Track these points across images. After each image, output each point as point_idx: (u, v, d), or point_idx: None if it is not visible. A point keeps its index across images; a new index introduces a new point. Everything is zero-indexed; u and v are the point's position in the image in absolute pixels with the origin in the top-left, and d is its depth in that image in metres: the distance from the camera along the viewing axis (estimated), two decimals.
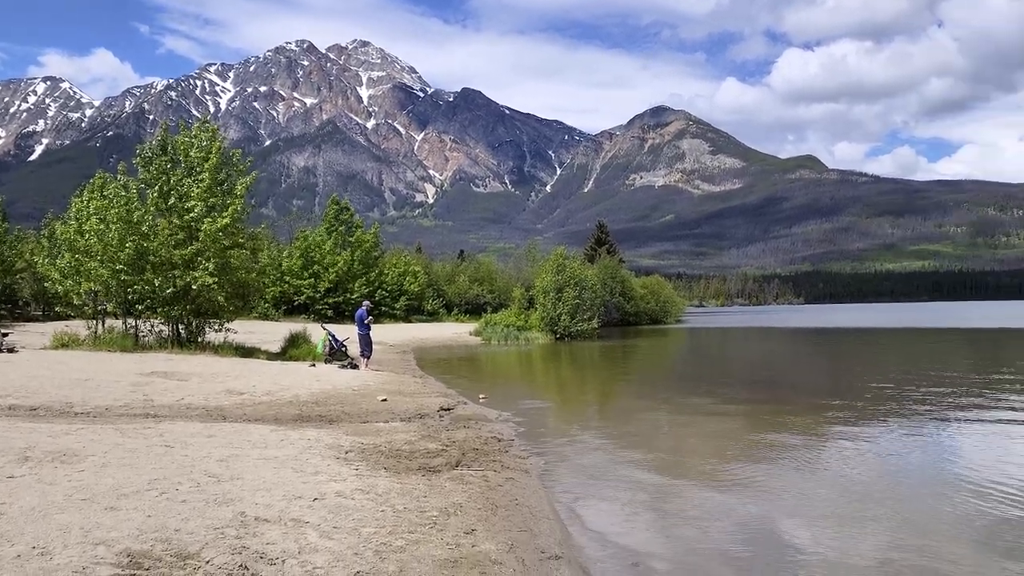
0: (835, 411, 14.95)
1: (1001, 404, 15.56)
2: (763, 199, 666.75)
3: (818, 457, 10.54)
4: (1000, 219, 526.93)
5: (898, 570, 6.09)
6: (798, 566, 6.23)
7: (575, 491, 8.72)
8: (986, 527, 7.19)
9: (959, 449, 11.15)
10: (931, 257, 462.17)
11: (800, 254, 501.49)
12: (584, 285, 48.71)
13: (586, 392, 20.95)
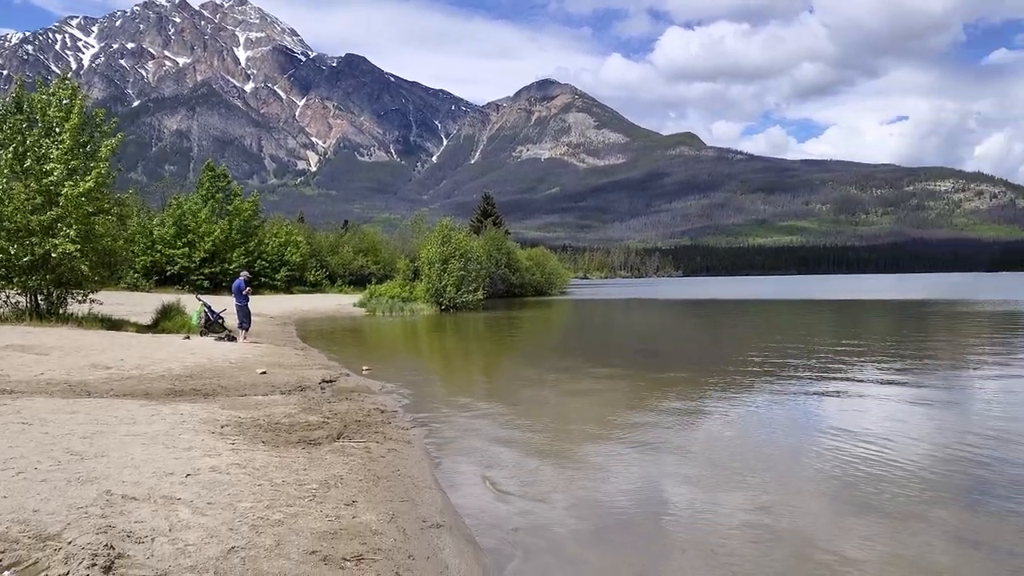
0: (711, 378, 15.65)
1: (859, 370, 16.68)
2: (646, 174, 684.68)
3: (695, 423, 11.01)
4: (860, 198, 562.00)
5: (763, 524, 6.47)
6: (673, 524, 6.52)
7: (459, 461, 8.79)
8: (844, 483, 7.72)
9: (821, 412, 11.90)
10: (799, 233, 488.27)
11: (680, 228, 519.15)
12: (470, 256, 48.81)
13: (471, 363, 21.07)
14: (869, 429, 10.34)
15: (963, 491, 7.46)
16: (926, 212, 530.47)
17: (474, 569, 5.44)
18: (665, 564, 5.67)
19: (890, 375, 15.86)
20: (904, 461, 8.49)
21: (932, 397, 13.22)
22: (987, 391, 13.95)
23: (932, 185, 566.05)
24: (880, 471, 8.09)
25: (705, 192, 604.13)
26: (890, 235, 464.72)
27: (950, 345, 23.00)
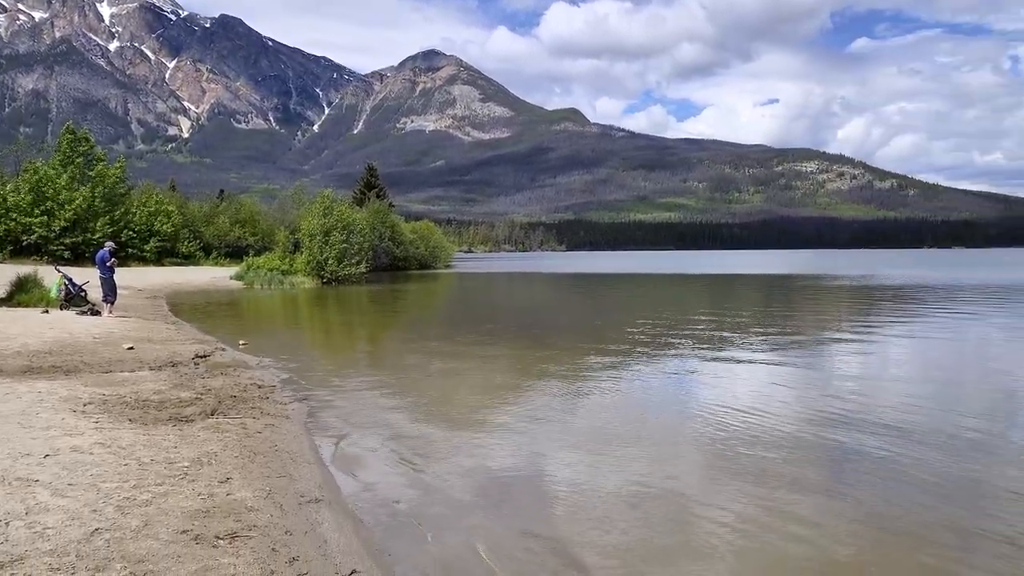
0: (593, 350, 16.03)
1: (732, 341, 17.50)
2: (531, 148, 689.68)
3: (577, 393, 11.26)
4: (734, 177, 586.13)
5: (642, 486, 6.71)
6: (557, 490, 6.67)
7: (340, 435, 8.67)
8: (719, 451, 8.10)
9: (697, 381, 12.42)
10: (677, 209, 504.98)
11: (564, 203, 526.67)
12: (352, 229, 47.93)
13: (353, 337, 20.77)
14: (741, 397, 10.89)
15: (826, 453, 7.98)
16: (793, 192, 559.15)
17: (354, 543, 5.41)
18: (549, 529, 5.80)
19: (760, 346, 16.72)
20: (773, 427, 8.99)
21: (798, 366, 14.03)
22: (846, 359, 14.93)
23: (799, 166, 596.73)
24: (751, 436, 8.54)
25: (588, 168, 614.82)
26: (761, 213, 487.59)
27: (814, 317, 24.47)
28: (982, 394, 11.40)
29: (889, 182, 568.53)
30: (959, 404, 10.52)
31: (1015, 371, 13.50)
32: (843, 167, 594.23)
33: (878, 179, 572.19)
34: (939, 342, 17.71)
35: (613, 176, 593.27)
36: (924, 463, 7.44)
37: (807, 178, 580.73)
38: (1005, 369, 13.84)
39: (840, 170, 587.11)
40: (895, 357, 15.52)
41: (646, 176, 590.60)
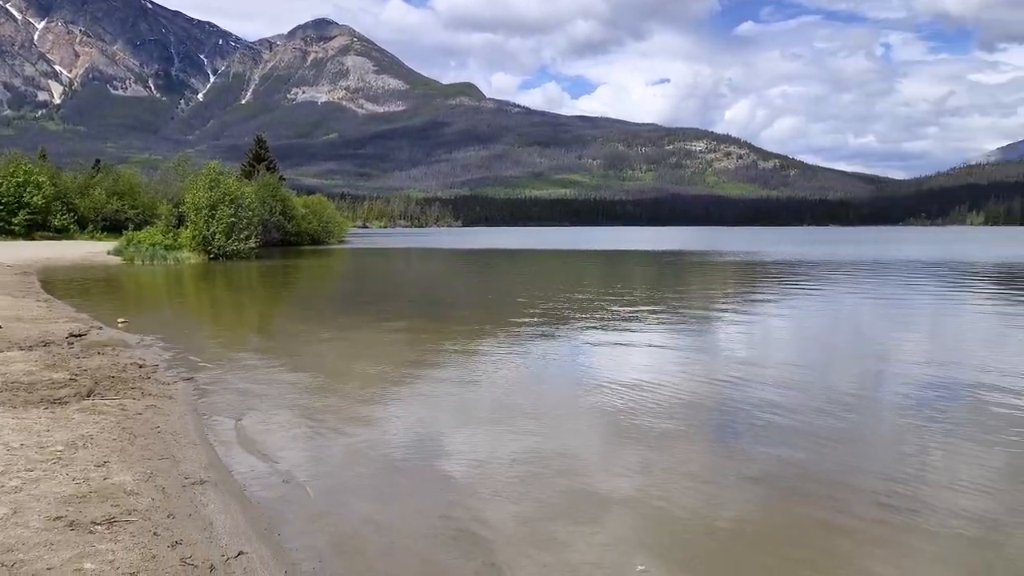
0: (489, 326, 16.08)
1: (625, 316, 17.90)
2: (426, 123, 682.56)
3: (475, 370, 11.25)
4: (627, 154, 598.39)
5: (540, 459, 6.77)
6: (452, 465, 6.65)
7: (228, 415, 8.37)
8: (615, 420, 8.27)
9: (592, 356, 12.65)
10: (572, 186, 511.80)
11: (460, 179, 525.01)
12: (241, 203, 46.25)
13: (243, 314, 20.11)
14: (635, 368, 11.16)
15: (716, 418, 8.28)
16: (683, 170, 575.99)
17: (241, 523, 5.23)
18: (448, 503, 5.78)
19: (652, 319, 17.18)
20: (666, 395, 9.25)
21: (689, 337, 14.49)
22: (733, 331, 15.54)
23: (689, 145, 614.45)
24: (645, 405, 8.75)
25: (485, 143, 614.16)
26: (653, 191, 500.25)
27: (703, 291, 25.35)
28: (854, 360, 12.09)
29: (772, 162, 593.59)
30: (835, 370, 11.13)
31: (882, 338, 14.39)
32: (730, 147, 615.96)
33: (762, 159, 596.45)
34: (817, 313, 18.69)
35: (509, 152, 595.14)
36: (805, 424, 7.82)
37: (696, 157, 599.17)
38: (874, 336, 14.74)
39: (727, 150, 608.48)
40: (778, 328, 16.27)
41: (542, 152, 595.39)
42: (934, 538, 5.11)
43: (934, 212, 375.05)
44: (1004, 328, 16.21)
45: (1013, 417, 8.15)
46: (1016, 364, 11.41)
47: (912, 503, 5.71)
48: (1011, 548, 4.97)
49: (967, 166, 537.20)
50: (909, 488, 6.03)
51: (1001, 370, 10.85)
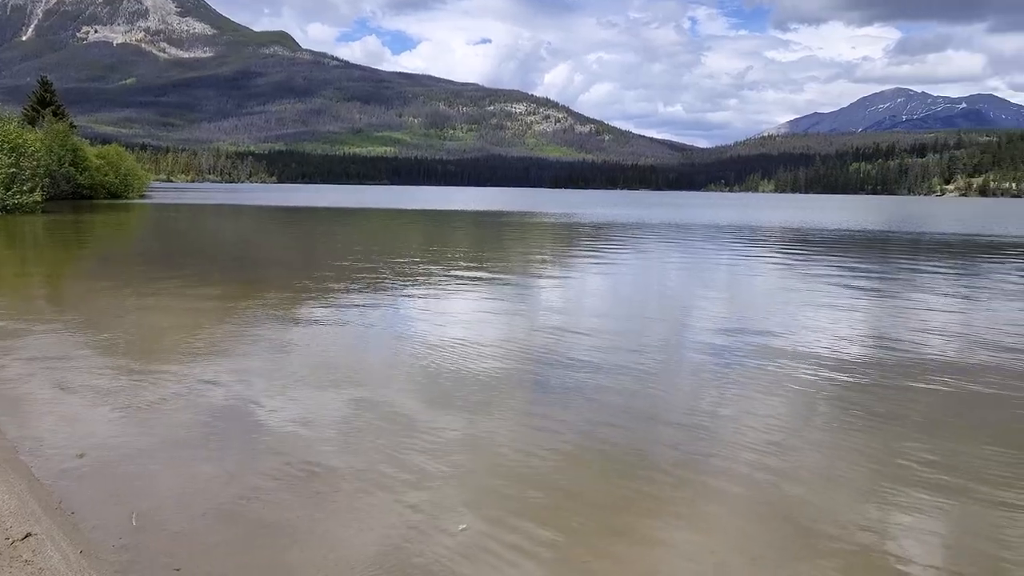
0: (307, 287, 15.57)
1: (446, 276, 17.94)
2: (236, 72, 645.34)
3: (292, 333, 10.85)
4: (449, 114, 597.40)
5: (359, 421, 6.66)
6: (269, 434, 6.37)
7: (12, 384, 7.58)
8: (434, 383, 8.27)
9: (413, 317, 12.58)
10: (393, 144, 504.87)
11: (275, 133, 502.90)
12: (23, 151, 41.76)
13: (29, 274, 18.20)
14: (455, 329, 11.22)
15: (531, 380, 8.50)
16: (504, 131, 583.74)
17: (29, 503, 4.76)
18: (263, 472, 5.54)
19: (473, 280, 17.34)
20: (484, 358, 9.38)
21: (508, 298, 14.76)
22: (551, 291, 16.02)
23: (509, 107, 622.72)
24: (463, 367, 8.83)
25: (301, 97, 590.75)
26: (474, 151, 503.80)
27: (523, 252, 25.90)
28: (661, 318, 12.84)
29: (588, 127, 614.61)
30: (643, 327, 11.77)
31: (687, 297, 15.40)
32: (549, 110, 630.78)
33: (579, 123, 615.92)
34: (629, 273, 19.67)
35: (327, 107, 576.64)
36: (615, 380, 8.22)
37: (517, 119, 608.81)
38: (679, 295, 15.74)
39: (546, 113, 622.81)
40: (593, 287, 16.96)
41: (362, 109, 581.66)
42: (727, 480, 5.56)
43: (732, 179, 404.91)
44: (790, 284, 17.80)
45: (797, 367, 8.99)
46: (800, 319, 12.58)
47: (708, 448, 6.17)
48: (791, 488, 5.49)
49: (761, 137, 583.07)
50: (705, 436, 6.51)
51: (786, 324, 11.93)
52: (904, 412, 7.31)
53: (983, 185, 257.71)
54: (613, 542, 4.59)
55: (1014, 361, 9.51)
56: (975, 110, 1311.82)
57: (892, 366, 9.18)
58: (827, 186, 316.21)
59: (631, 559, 4.39)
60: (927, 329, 11.79)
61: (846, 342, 10.62)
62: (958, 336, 11.23)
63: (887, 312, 13.79)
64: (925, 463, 5.89)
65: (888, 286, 17.62)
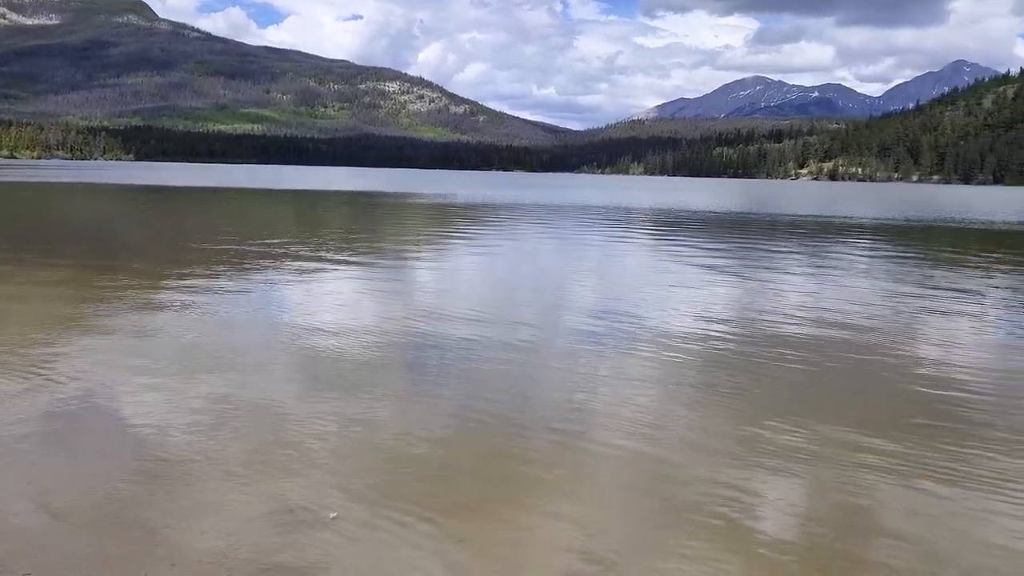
0: (173, 273, 14.75)
1: (319, 258, 17.47)
2: (87, 41, 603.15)
3: (157, 318, 10.25)
4: (319, 91, 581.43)
5: (225, 410, 6.35)
6: (131, 426, 6.00)
7: None
8: (306, 367, 8.03)
9: (284, 301, 12.16)
10: (261, 121, 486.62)
11: (131, 107, 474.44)
12: None
13: None
14: (329, 313, 10.94)
15: (406, 361, 8.41)
16: (377, 110, 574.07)
17: None
18: (109, 467, 5.21)
19: (348, 263, 16.97)
20: (359, 340, 9.20)
21: (384, 280, 14.56)
22: (428, 273, 15.91)
23: (383, 85, 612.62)
24: (339, 350, 8.63)
25: (159, 70, 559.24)
26: (346, 130, 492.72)
27: (398, 234, 25.60)
28: (538, 303, 13.01)
29: (463, 107, 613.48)
30: (520, 313, 11.89)
31: (561, 277, 15.68)
32: (423, 89, 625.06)
33: (454, 104, 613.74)
34: (504, 255, 19.81)
35: (189, 81, 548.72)
36: (490, 359, 8.26)
37: (390, 98, 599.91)
38: (555, 276, 16.01)
39: (420, 92, 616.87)
40: (469, 269, 16.98)
41: (226, 84, 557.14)
42: (599, 455, 5.69)
43: (604, 161, 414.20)
44: (659, 265, 18.44)
45: (665, 344, 9.33)
46: (668, 298, 13.06)
47: (581, 425, 6.30)
48: (660, 460, 5.68)
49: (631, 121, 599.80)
50: (578, 413, 6.65)
51: (655, 303, 12.35)
52: (763, 384, 7.72)
53: (833, 170, 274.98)
54: (490, 520, 4.61)
55: (862, 334, 10.22)
56: (826, 99, 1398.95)
57: (753, 340, 9.67)
58: (693, 169, 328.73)
59: (508, 535, 4.42)
60: (784, 305, 12.49)
61: (710, 319, 11.09)
62: (812, 311, 11.95)
63: (747, 290, 14.52)
64: (782, 431, 6.22)
65: (748, 265, 18.54)
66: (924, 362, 8.74)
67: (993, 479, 5.33)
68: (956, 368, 8.50)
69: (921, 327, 10.91)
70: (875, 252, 22.74)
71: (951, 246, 26.41)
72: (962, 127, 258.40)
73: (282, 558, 4.08)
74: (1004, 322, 11.76)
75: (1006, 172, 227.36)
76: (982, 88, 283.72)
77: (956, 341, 10.04)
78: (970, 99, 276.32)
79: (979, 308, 12.72)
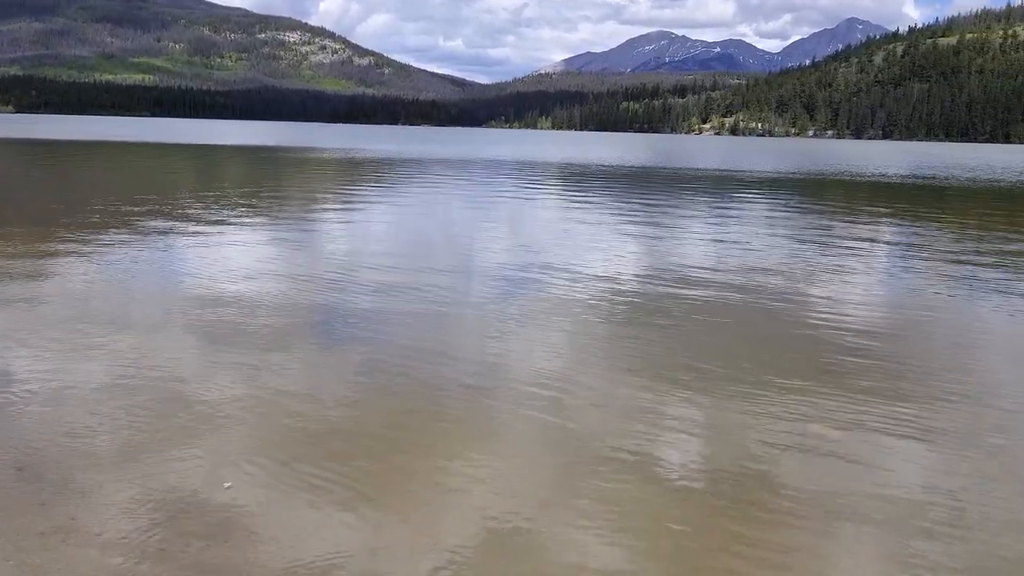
0: (59, 233, 13.84)
1: (220, 218, 16.77)
2: None
3: (39, 283, 9.61)
4: (215, 40, 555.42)
5: (120, 379, 6.02)
6: (19, 400, 5.62)
7: None
8: (208, 331, 7.69)
9: (186, 263, 11.63)
10: (152, 72, 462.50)
11: (7, 55, 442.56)
12: None
13: None
14: (231, 276, 10.50)
15: (313, 321, 8.16)
16: (278, 62, 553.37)
17: None
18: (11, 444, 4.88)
19: (250, 221, 16.37)
20: (266, 297, 8.88)
21: (287, 241, 14.09)
22: (332, 232, 15.49)
23: (282, 35, 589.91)
24: (242, 314, 8.30)
25: (38, 16, 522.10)
26: (245, 81, 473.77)
27: (302, 190, 24.87)
28: (448, 259, 12.88)
29: (368, 59, 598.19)
30: (430, 270, 11.73)
31: (470, 233, 15.57)
32: (325, 40, 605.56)
33: (358, 55, 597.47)
34: (413, 211, 19.53)
35: (72, 28, 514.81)
36: (401, 318, 8.13)
37: (291, 49, 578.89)
38: (464, 232, 15.88)
39: (322, 43, 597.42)
40: (377, 225, 16.66)
41: (113, 31, 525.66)
42: (513, 411, 5.67)
43: (512, 116, 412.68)
44: (570, 217, 18.53)
45: (576, 297, 9.38)
46: (578, 251, 13.14)
47: (493, 382, 6.28)
48: (573, 413, 5.72)
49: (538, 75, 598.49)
50: (490, 370, 6.62)
51: (566, 257, 12.41)
52: (669, 336, 7.86)
53: (734, 124, 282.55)
54: (402, 479, 4.53)
55: (762, 285, 10.53)
56: (727, 54, 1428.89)
57: (659, 293, 9.82)
58: (600, 123, 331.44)
59: (421, 495, 4.35)
60: (690, 257, 12.77)
61: (618, 272, 11.21)
62: (715, 264, 12.24)
63: (654, 242, 14.77)
64: (686, 382, 6.35)
65: (654, 218, 18.85)
66: (819, 312, 9.08)
67: (881, 423, 5.58)
68: (849, 318, 8.88)
69: (817, 278, 11.32)
70: (774, 204, 23.49)
71: (844, 199, 27.54)
72: (855, 83, 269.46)
73: (185, 526, 3.90)
74: (890, 270, 12.36)
75: (894, 127, 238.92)
76: (873, 46, 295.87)
77: (849, 291, 10.48)
78: (862, 56, 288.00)
79: (869, 258, 13.32)
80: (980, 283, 11.02)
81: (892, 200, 26.47)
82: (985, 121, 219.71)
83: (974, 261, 13.01)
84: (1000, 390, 6.46)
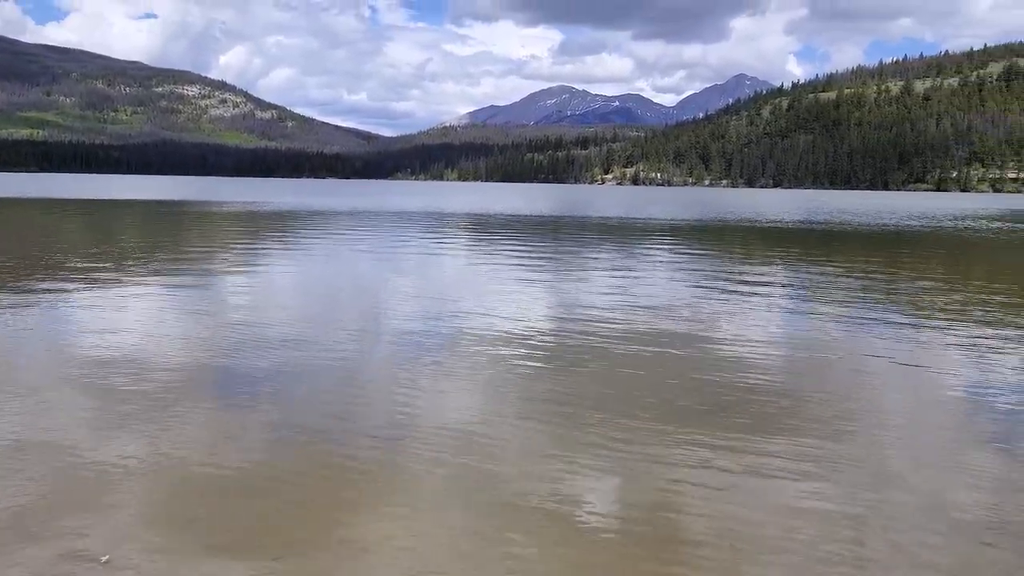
0: None
1: (119, 277, 16.11)
2: None
3: None
4: (109, 94, 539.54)
5: (16, 448, 5.66)
6: None
7: None
8: (107, 391, 7.31)
9: (76, 322, 11.09)
10: (41, 126, 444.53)
11: None
12: None
13: None
14: (127, 337, 10.07)
15: (216, 384, 7.88)
16: (176, 115, 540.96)
17: None
18: None
19: (147, 279, 15.77)
20: (160, 359, 8.54)
21: (187, 297, 13.63)
22: (235, 286, 15.07)
23: (181, 89, 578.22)
24: (138, 379, 7.95)
25: None
26: (142, 135, 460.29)
27: (204, 245, 24.15)
28: (356, 312, 12.72)
29: (270, 112, 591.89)
30: (337, 324, 11.54)
31: (378, 285, 15.44)
32: (226, 94, 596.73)
33: (260, 109, 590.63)
34: (320, 264, 19.26)
35: None
36: (310, 371, 7.95)
37: (190, 102, 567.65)
38: (371, 284, 15.73)
39: (223, 97, 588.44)
40: (281, 282, 16.29)
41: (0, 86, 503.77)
42: (427, 465, 5.60)
43: (418, 168, 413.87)
44: (477, 268, 18.61)
45: (486, 347, 9.40)
46: (487, 301, 13.19)
47: (404, 432, 6.21)
48: (487, 464, 5.70)
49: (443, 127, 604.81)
50: (402, 423, 6.54)
51: (474, 307, 12.44)
52: (576, 381, 7.95)
53: (635, 175, 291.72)
54: (308, 540, 4.39)
55: (665, 328, 10.81)
56: (626, 108, 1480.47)
57: (566, 340, 9.95)
58: (506, 175, 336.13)
59: (329, 559, 4.22)
60: (596, 304, 12.99)
61: (528, 319, 11.31)
62: (621, 309, 12.50)
63: (562, 290, 15.00)
64: (594, 425, 6.43)
65: (562, 266, 19.16)
66: (720, 352, 9.39)
67: (782, 456, 5.78)
68: (749, 357, 9.20)
69: (718, 320, 11.72)
70: (676, 250, 24.25)
71: (743, 244, 28.69)
72: (745, 135, 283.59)
73: None
74: (786, 311, 12.90)
75: (784, 176, 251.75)
76: (761, 100, 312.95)
77: (748, 332, 10.87)
78: (751, 110, 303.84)
79: (767, 300, 13.87)
80: (868, 321, 11.62)
81: (788, 245, 27.74)
82: (865, 170, 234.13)
83: (864, 301, 13.74)
84: (890, 420, 6.79)
